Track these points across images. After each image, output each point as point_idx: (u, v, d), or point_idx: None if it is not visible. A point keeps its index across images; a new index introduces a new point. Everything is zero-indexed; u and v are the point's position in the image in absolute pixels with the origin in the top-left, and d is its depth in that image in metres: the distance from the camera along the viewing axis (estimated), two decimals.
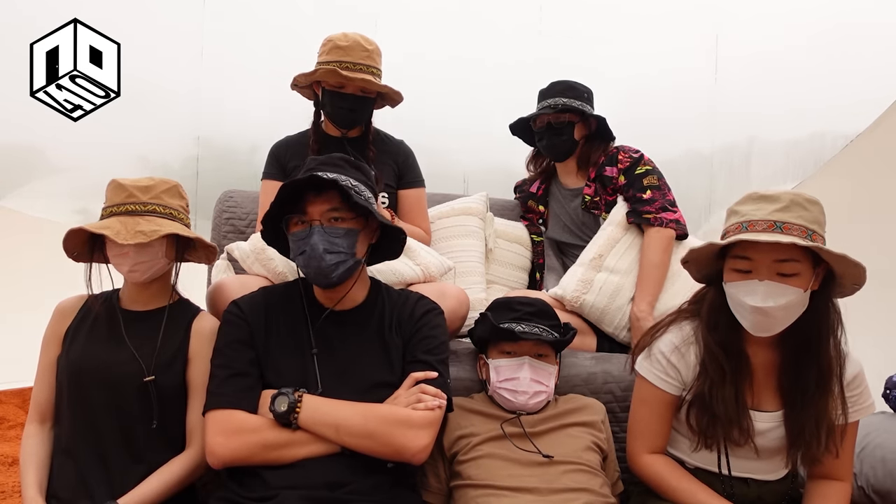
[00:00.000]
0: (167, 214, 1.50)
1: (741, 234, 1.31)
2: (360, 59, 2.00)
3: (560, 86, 2.26)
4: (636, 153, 2.22)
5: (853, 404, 1.41)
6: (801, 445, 1.38)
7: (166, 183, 1.53)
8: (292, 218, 1.43)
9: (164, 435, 1.45)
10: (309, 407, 1.33)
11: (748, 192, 1.36)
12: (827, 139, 3.82)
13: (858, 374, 1.42)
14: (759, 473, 1.47)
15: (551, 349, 1.65)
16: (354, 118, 2.09)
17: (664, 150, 3.81)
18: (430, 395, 1.36)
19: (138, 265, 1.47)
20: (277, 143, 2.20)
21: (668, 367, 1.46)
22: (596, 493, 1.45)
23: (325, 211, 1.39)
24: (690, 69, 3.97)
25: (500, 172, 3.52)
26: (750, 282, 1.30)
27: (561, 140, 2.25)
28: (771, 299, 1.28)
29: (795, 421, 1.38)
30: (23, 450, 1.47)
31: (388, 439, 1.31)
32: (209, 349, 1.47)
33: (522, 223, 2.50)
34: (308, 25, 3.68)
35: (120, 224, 1.43)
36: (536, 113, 2.27)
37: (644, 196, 2.13)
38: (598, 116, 2.24)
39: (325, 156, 1.48)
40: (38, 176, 3.77)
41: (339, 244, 1.39)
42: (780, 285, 1.28)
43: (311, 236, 1.38)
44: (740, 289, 1.32)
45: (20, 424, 2.77)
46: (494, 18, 3.93)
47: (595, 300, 2.06)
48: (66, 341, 1.51)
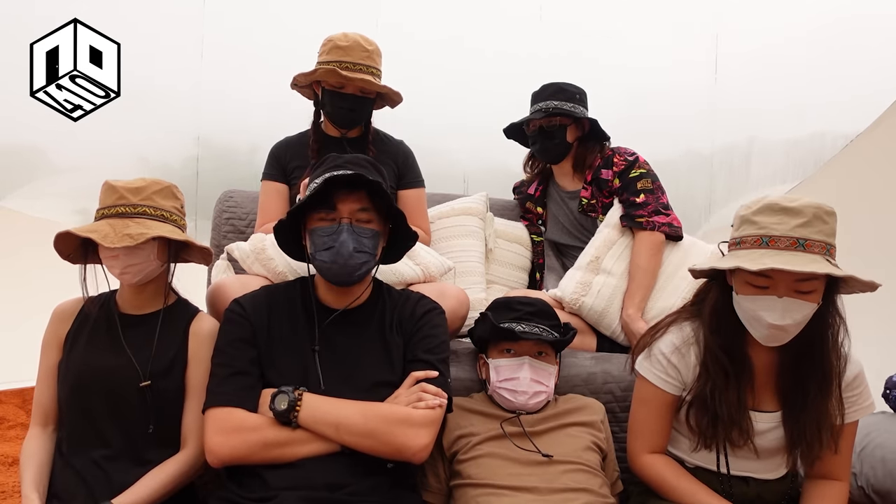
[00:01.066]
0: (158, 216, 1.48)
1: (763, 250, 1.27)
2: (360, 59, 2.01)
3: (551, 88, 2.25)
4: (631, 156, 2.22)
5: (852, 404, 1.41)
6: (801, 445, 1.39)
7: (159, 184, 1.51)
8: (318, 212, 1.41)
9: (164, 438, 1.45)
10: (309, 405, 1.33)
11: (766, 202, 1.31)
12: (827, 139, 3.81)
13: (859, 374, 1.42)
14: (759, 473, 1.47)
15: (551, 349, 1.65)
16: (354, 118, 2.09)
17: (664, 149, 3.82)
18: (430, 394, 1.36)
19: (129, 268, 1.46)
20: (277, 144, 2.20)
21: (668, 367, 1.46)
22: (595, 493, 1.45)
23: (355, 210, 1.39)
24: (690, 68, 3.97)
25: (500, 172, 3.52)
26: (768, 297, 1.28)
27: (553, 143, 2.24)
28: (789, 316, 1.27)
29: (795, 422, 1.39)
30: (23, 452, 1.47)
31: (388, 438, 1.31)
32: (207, 351, 1.46)
33: (522, 223, 2.50)
34: (308, 26, 3.68)
35: (109, 227, 1.42)
36: (528, 118, 2.26)
37: (637, 200, 2.13)
38: (590, 118, 2.23)
39: (350, 155, 1.48)
40: (39, 176, 3.77)
41: (365, 244, 1.40)
42: (797, 301, 1.27)
43: (341, 234, 1.37)
44: (758, 304, 1.29)
45: (20, 424, 2.76)
46: (495, 17, 3.93)
47: (593, 303, 2.06)
48: (66, 346, 1.51)
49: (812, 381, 1.36)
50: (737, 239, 1.34)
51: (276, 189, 2.14)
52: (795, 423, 1.38)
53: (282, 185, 2.14)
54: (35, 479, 1.41)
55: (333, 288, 1.47)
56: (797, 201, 1.28)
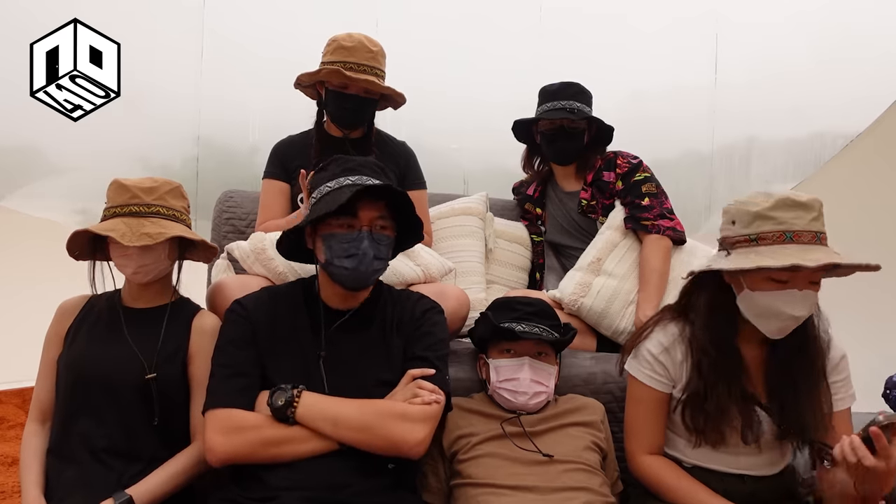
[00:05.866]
0: (171, 216, 1.50)
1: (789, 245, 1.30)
2: (365, 59, 2.00)
3: (573, 88, 2.23)
4: (635, 159, 2.23)
5: (838, 391, 1.44)
6: (796, 435, 1.41)
7: (169, 184, 1.53)
8: (337, 219, 1.40)
9: (165, 432, 1.45)
10: (307, 402, 1.33)
11: (777, 197, 1.33)
12: (827, 139, 3.81)
13: (843, 357, 1.46)
14: (757, 469, 1.48)
15: (551, 349, 1.65)
16: (357, 119, 2.09)
17: (664, 150, 3.81)
18: (426, 391, 1.37)
19: (142, 267, 1.48)
20: (280, 143, 2.20)
21: (655, 364, 1.48)
22: (595, 492, 1.45)
23: (374, 218, 1.41)
24: (690, 69, 3.97)
25: (500, 173, 3.51)
26: (789, 292, 1.31)
27: (572, 145, 2.24)
28: (806, 308, 1.34)
29: (789, 412, 1.40)
30: (23, 450, 1.47)
31: (384, 432, 1.32)
32: (210, 346, 1.47)
33: (523, 223, 2.50)
34: (308, 26, 3.68)
35: (125, 226, 1.43)
36: (549, 115, 2.23)
37: (642, 203, 2.13)
38: (608, 126, 2.24)
39: (360, 158, 1.48)
40: (38, 176, 3.76)
41: (382, 252, 1.43)
42: (811, 293, 1.33)
43: (362, 241, 1.39)
44: (780, 298, 1.32)
45: (20, 424, 2.77)
46: (495, 19, 3.92)
47: (593, 304, 2.06)
48: (67, 340, 1.52)
49: (801, 368, 1.41)
50: (752, 235, 1.34)
51: (278, 187, 2.14)
52: (789, 411, 1.40)
53: (283, 184, 2.14)
54: (38, 481, 1.41)
55: (339, 290, 1.46)
56: (802, 196, 1.33)
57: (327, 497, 1.28)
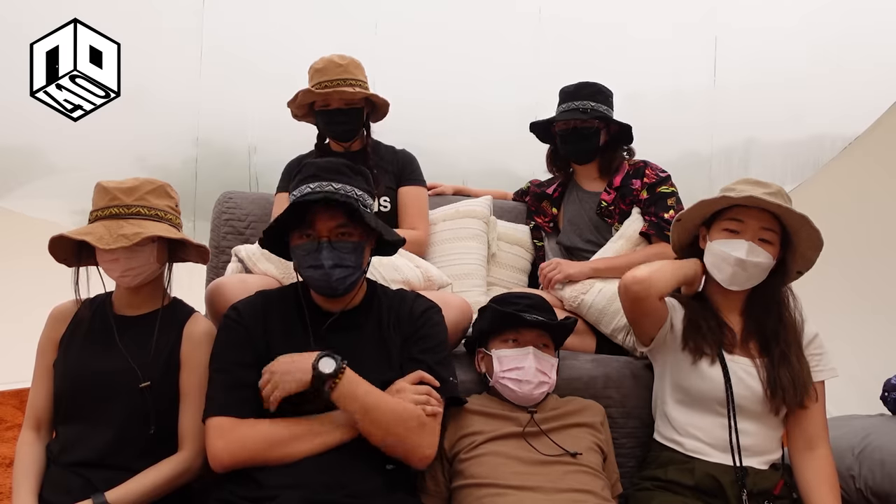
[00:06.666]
0: (153, 216, 1.47)
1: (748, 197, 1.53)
2: (335, 75, 2.13)
3: (589, 88, 2.25)
4: (664, 173, 2.24)
5: (816, 364, 1.62)
6: (779, 391, 1.55)
7: (152, 183, 1.50)
8: (296, 231, 1.43)
9: (160, 439, 1.44)
10: (350, 379, 1.32)
11: (742, 178, 1.63)
12: (826, 141, 3.81)
13: (817, 335, 1.65)
14: (755, 453, 1.55)
15: (551, 342, 1.66)
16: (348, 130, 2.20)
17: (662, 151, 3.81)
18: (434, 401, 1.38)
19: (129, 270, 1.46)
20: (293, 160, 2.30)
21: None
22: (598, 496, 1.45)
23: (332, 227, 1.40)
24: (689, 71, 3.97)
25: (501, 175, 3.52)
26: (737, 240, 1.57)
27: (586, 145, 2.25)
28: (752, 255, 1.56)
29: (771, 368, 1.57)
30: (17, 458, 1.45)
31: (404, 437, 1.33)
32: (200, 353, 1.47)
33: (527, 225, 2.50)
34: (308, 29, 3.68)
35: (104, 228, 1.41)
36: (562, 116, 2.25)
37: (666, 215, 2.14)
38: (624, 124, 2.25)
39: (326, 160, 1.48)
40: (38, 176, 3.76)
41: (347, 259, 1.40)
42: (758, 247, 1.57)
43: (320, 251, 1.38)
44: (728, 244, 1.58)
45: (18, 426, 2.76)
46: (495, 21, 3.93)
47: (594, 301, 2.06)
48: (61, 348, 1.50)
49: (777, 331, 1.60)
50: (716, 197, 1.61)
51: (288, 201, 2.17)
52: (771, 367, 1.58)
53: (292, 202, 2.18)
54: (32, 490, 1.39)
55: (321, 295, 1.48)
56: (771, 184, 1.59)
57: (326, 497, 1.28)
